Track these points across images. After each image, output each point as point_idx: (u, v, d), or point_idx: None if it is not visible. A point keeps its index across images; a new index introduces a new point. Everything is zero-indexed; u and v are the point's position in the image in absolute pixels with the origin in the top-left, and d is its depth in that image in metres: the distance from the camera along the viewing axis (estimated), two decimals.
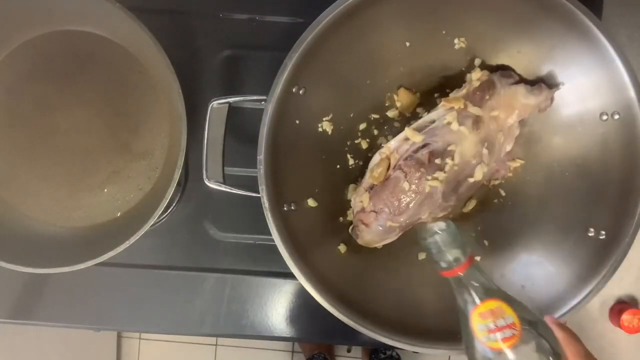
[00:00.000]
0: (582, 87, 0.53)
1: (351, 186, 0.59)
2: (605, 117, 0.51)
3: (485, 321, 0.38)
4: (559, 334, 0.39)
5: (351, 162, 0.60)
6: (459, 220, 0.60)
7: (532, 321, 0.39)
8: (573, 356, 0.38)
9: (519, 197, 0.58)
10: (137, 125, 0.63)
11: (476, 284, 0.39)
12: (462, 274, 0.39)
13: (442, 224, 0.40)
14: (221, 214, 0.66)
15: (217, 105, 0.53)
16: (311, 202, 0.56)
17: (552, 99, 0.54)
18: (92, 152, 0.63)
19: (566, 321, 0.45)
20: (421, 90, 0.59)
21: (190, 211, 0.67)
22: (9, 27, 0.60)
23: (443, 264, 0.40)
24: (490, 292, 0.39)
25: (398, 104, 0.59)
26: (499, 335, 0.37)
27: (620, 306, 0.62)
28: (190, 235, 0.67)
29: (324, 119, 0.57)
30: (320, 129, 0.57)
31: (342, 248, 0.57)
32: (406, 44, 0.56)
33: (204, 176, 0.53)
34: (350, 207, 0.58)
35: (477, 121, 0.52)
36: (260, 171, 0.51)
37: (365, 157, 0.59)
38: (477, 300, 0.39)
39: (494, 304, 0.38)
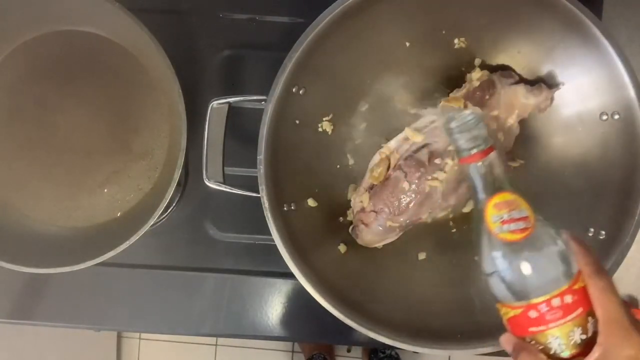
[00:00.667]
0: (582, 87, 0.52)
1: (351, 186, 0.59)
2: (605, 117, 0.51)
3: (499, 212, 0.38)
4: (573, 244, 0.39)
5: (351, 162, 0.59)
6: (459, 220, 0.60)
7: (547, 224, 0.39)
8: (585, 265, 0.37)
9: None
10: (137, 125, 0.63)
11: (495, 175, 0.39)
12: (482, 161, 0.39)
13: (468, 110, 0.40)
14: (221, 214, 0.66)
15: (217, 105, 0.53)
16: (311, 202, 0.56)
17: (552, 99, 0.54)
18: (92, 152, 0.63)
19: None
20: (421, 90, 0.59)
21: (190, 211, 0.67)
22: (9, 27, 0.60)
23: (464, 149, 0.39)
24: (508, 184, 0.39)
25: (398, 104, 0.59)
26: (512, 226, 0.37)
27: None
28: (190, 235, 0.67)
29: (324, 119, 0.57)
30: (320, 129, 0.57)
31: (342, 248, 0.57)
32: (406, 44, 0.56)
33: (204, 176, 0.53)
34: (350, 207, 0.58)
35: None
36: (260, 171, 0.51)
37: (365, 157, 0.59)
38: (494, 191, 0.39)
39: (510, 196, 0.38)
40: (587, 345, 0.36)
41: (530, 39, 0.53)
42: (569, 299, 0.36)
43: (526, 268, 0.37)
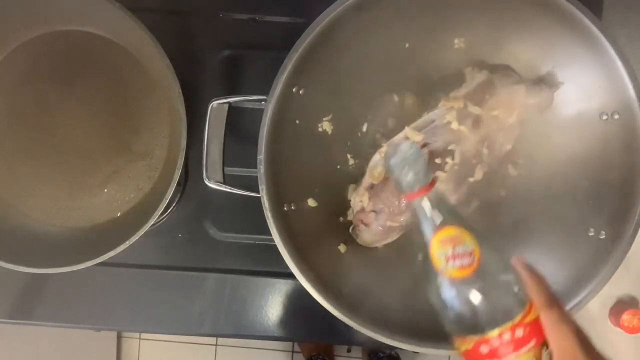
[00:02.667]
0: (582, 87, 0.53)
1: (351, 186, 0.59)
2: (605, 117, 0.51)
3: (444, 248, 0.37)
4: (524, 274, 0.38)
5: (351, 162, 0.59)
6: None
7: (495, 255, 0.38)
8: (536, 296, 0.36)
9: (519, 197, 0.58)
10: (137, 125, 0.63)
11: (439, 210, 0.38)
12: (425, 196, 0.38)
13: (406, 144, 0.39)
14: (221, 214, 0.66)
15: (217, 105, 0.53)
16: (311, 202, 0.56)
17: (552, 99, 0.54)
18: (92, 152, 0.63)
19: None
20: (421, 90, 0.59)
21: (190, 211, 0.67)
22: (9, 27, 0.60)
23: (407, 185, 0.39)
24: (453, 219, 0.38)
25: (398, 104, 0.59)
26: (457, 262, 0.36)
27: (620, 306, 0.62)
28: (190, 235, 0.67)
29: (324, 119, 0.57)
30: (320, 129, 0.57)
31: (342, 248, 0.57)
32: (406, 44, 0.56)
33: (204, 176, 0.53)
34: (350, 207, 0.58)
35: (477, 120, 0.52)
36: (260, 171, 0.51)
37: (365, 157, 0.59)
38: (438, 226, 0.38)
39: (454, 230, 0.37)
40: None
41: (530, 39, 0.53)
42: (520, 332, 0.35)
43: (475, 303, 0.36)
